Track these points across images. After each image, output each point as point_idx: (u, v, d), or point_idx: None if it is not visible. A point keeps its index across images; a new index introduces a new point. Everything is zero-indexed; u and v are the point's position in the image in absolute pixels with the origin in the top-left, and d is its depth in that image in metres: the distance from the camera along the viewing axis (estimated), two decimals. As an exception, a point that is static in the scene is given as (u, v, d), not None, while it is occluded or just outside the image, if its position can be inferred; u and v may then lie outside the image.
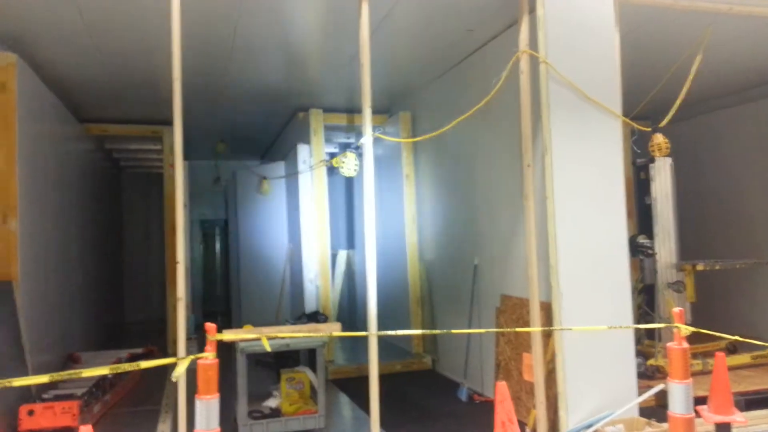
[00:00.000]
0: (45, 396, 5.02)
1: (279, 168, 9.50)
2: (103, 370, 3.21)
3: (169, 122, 8.57)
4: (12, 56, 5.15)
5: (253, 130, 10.15)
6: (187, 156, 4.07)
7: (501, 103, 4.96)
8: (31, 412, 4.62)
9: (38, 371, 5.38)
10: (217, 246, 14.38)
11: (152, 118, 8.65)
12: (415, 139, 7.65)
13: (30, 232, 5.51)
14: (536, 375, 4.53)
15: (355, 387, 6.61)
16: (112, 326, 10.93)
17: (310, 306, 7.91)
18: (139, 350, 7.35)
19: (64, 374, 3.33)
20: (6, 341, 4.79)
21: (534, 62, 4.58)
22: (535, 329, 4.40)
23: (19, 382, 3.82)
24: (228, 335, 3.97)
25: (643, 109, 6.12)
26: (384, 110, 8.63)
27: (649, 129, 5.35)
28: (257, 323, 5.62)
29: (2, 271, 5.02)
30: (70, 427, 4.65)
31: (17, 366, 4.93)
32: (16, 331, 5.02)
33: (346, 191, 10.66)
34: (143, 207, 13.13)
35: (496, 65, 5.01)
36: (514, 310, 5.39)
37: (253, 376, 4.89)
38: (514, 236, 5.39)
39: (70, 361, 6.80)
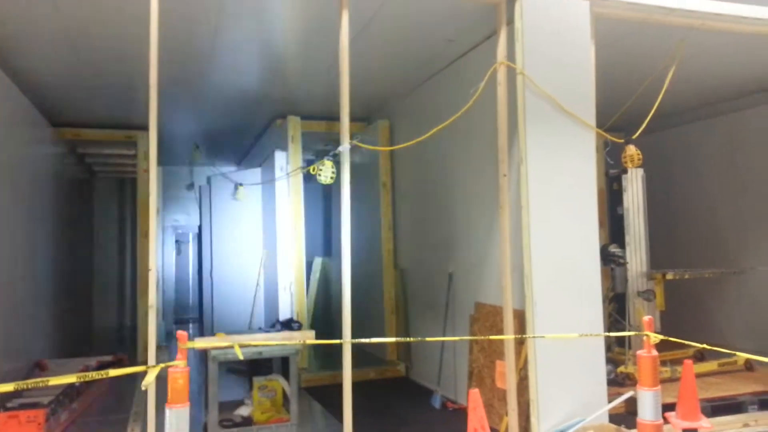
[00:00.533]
0: (9, 405, 4.89)
1: (255, 174, 9.44)
2: (70, 378, 3.15)
3: (143, 127, 8.51)
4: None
5: (231, 137, 10.07)
6: (161, 161, 4.04)
7: (478, 114, 5.01)
8: (-5, 421, 4.50)
9: (3, 379, 5.24)
10: (190, 252, 14.21)
11: (126, 123, 8.54)
12: (393, 148, 7.68)
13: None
14: (509, 382, 4.56)
15: (328, 395, 6.57)
16: (81, 333, 10.71)
17: (284, 313, 7.85)
18: (108, 358, 7.21)
19: (30, 382, 3.25)
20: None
21: (511, 73, 4.64)
22: (508, 337, 4.43)
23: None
24: (200, 343, 3.93)
25: (617, 120, 6.24)
26: (362, 118, 8.65)
27: (622, 140, 5.45)
28: (230, 331, 5.56)
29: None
30: (36, 437, 4.54)
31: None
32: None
33: (322, 199, 10.64)
34: (116, 213, 12.94)
35: (475, 75, 5.06)
36: (488, 317, 5.42)
37: (225, 385, 4.83)
38: (489, 245, 5.44)
39: (37, 368, 6.64)
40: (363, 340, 4.13)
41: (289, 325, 7.07)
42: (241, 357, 3.80)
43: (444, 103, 6.31)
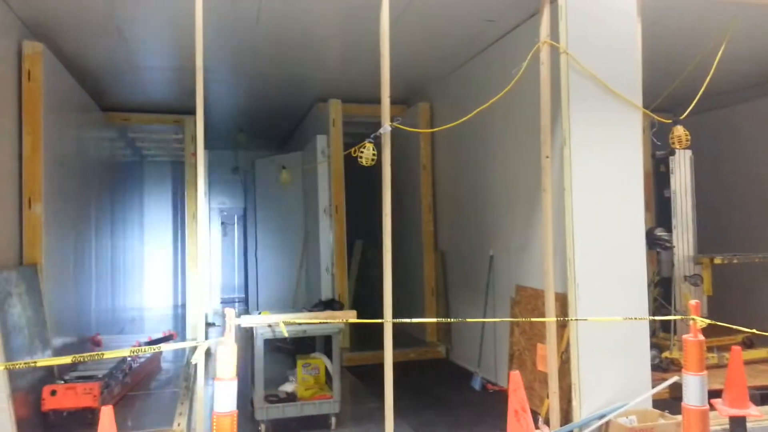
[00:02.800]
0: (67, 377, 5.14)
1: (297, 158, 9.56)
2: (124, 352, 3.30)
3: (190, 111, 8.65)
4: (38, 45, 5.24)
5: (273, 121, 10.21)
6: (206, 145, 4.13)
7: (520, 95, 4.96)
8: (53, 393, 4.73)
9: (60, 353, 5.51)
10: (235, 234, 14.53)
11: (174, 107, 8.74)
12: (434, 130, 7.66)
13: (53, 217, 5.62)
14: (550, 365, 4.55)
15: (369, 374, 6.68)
16: (132, 311, 11.12)
17: (325, 294, 7.99)
18: (158, 334, 7.48)
19: (86, 356, 3.42)
20: (31, 323, 4.91)
21: (554, 53, 4.57)
22: (551, 319, 4.41)
23: (43, 362, 3.95)
24: (247, 320, 4.05)
25: (663, 101, 6.07)
26: (403, 101, 8.65)
27: (670, 121, 5.31)
28: (274, 310, 5.70)
29: (27, 255, 5.14)
30: (91, 408, 4.76)
31: (41, 348, 5.05)
32: (41, 314, 5.14)
33: (362, 181, 10.70)
34: (165, 195, 13.30)
35: (516, 56, 5.00)
36: (529, 300, 5.40)
37: (270, 362, 4.96)
38: (530, 227, 5.40)
39: (91, 343, 6.95)
40: (404, 320, 4.18)
41: (331, 305, 7.19)
42: (286, 334, 3.90)
43: (484, 84, 6.25)
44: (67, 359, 3.29)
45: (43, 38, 5.45)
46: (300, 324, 4.60)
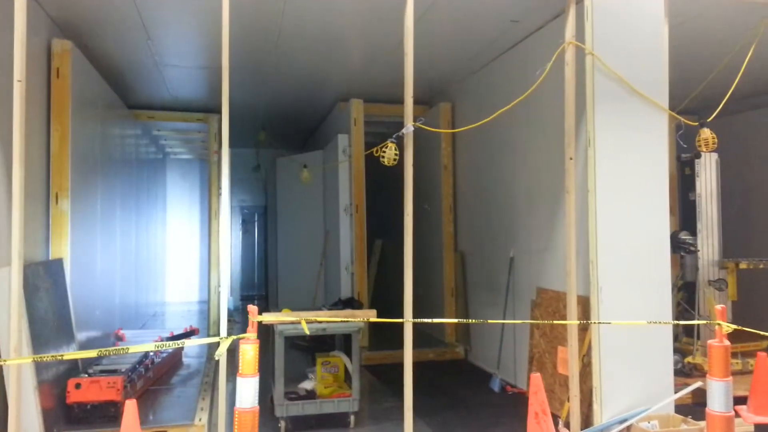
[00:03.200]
0: (91, 371, 5.22)
1: (318, 157, 9.61)
2: (148, 347, 3.35)
3: (213, 110, 8.78)
4: (67, 43, 5.33)
5: (294, 120, 10.28)
6: (229, 143, 4.17)
7: (543, 96, 4.93)
8: (78, 386, 4.80)
9: (85, 347, 5.61)
10: (256, 232, 14.65)
11: (198, 106, 8.84)
12: (456, 130, 7.65)
13: (79, 213, 5.72)
14: (571, 368, 4.52)
15: (387, 373, 6.70)
16: (155, 306, 11.27)
17: (345, 293, 8.02)
18: (181, 330, 7.56)
19: (111, 349, 3.47)
20: (57, 316, 5.00)
21: (579, 54, 4.54)
22: (573, 322, 4.38)
23: (69, 355, 4.02)
24: (269, 317, 4.08)
25: (689, 103, 5.99)
26: (425, 101, 8.65)
27: (697, 123, 5.24)
28: (293, 308, 5.74)
29: (54, 250, 5.23)
30: (115, 401, 4.83)
31: (66, 341, 5.14)
32: (66, 308, 5.24)
33: (382, 181, 10.72)
34: (187, 193, 13.45)
35: (540, 57, 4.98)
36: (550, 303, 5.37)
37: (289, 359, 4.99)
38: (552, 229, 5.37)
39: (115, 338, 7.05)
40: (425, 320, 4.18)
41: (350, 304, 7.23)
42: (308, 332, 3.93)
43: (507, 85, 6.23)
44: (92, 353, 3.35)
45: (71, 36, 5.55)
46: (320, 322, 4.62)
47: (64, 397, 4.76)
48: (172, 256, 13.20)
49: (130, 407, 2.91)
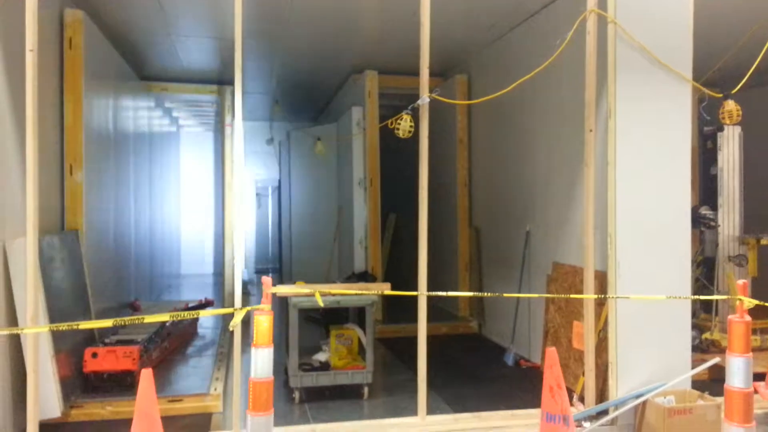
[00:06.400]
0: (107, 340, 5.28)
1: (332, 129, 9.53)
2: (164, 317, 3.35)
3: (227, 82, 8.70)
4: (79, 12, 5.27)
5: (308, 92, 10.18)
6: (242, 116, 4.12)
7: (563, 67, 4.81)
8: (94, 355, 4.87)
9: (100, 317, 5.66)
10: (269, 206, 14.67)
11: (212, 77, 8.77)
12: (472, 102, 7.53)
13: (94, 184, 5.73)
14: (587, 343, 4.48)
15: (400, 346, 6.71)
16: (169, 278, 11.36)
17: (358, 266, 8.01)
18: (195, 302, 7.62)
19: (127, 319, 3.48)
20: (73, 287, 5.04)
21: (601, 23, 4.40)
22: (590, 296, 4.33)
23: (85, 325, 4.05)
24: (283, 289, 4.07)
25: (712, 75, 5.82)
26: (439, 73, 8.50)
27: (721, 95, 5.09)
28: (307, 281, 5.73)
29: (69, 221, 5.25)
30: (131, 371, 4.88)
31: (82, 311, 5.19)
32: (82, 278, 5.27)
33: (396, 154, 10.63)
34: (201, 164, 13.46)
35: (560, 27, 4.84)
36: (566, 278, 5.31)
37: (303, 331, 5.01)
38: (569, 203, 5.29)
39: (130, 308, 7.11)
40: (439, 293, 4.15)
41: (364, 277, 7.22)
42: (322, 304, 3.92)
43: (525, 56, 6.09)
44: (108, 322, 3.36)
45: (83, 6, 5.48)
46: (334, 295, 4.61)
47: (81, 367, 4.83)
48: (187, 229, 13.27)
49: (146, 376, 2.92)
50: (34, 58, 3.54)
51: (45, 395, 4.14)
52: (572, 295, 4.92)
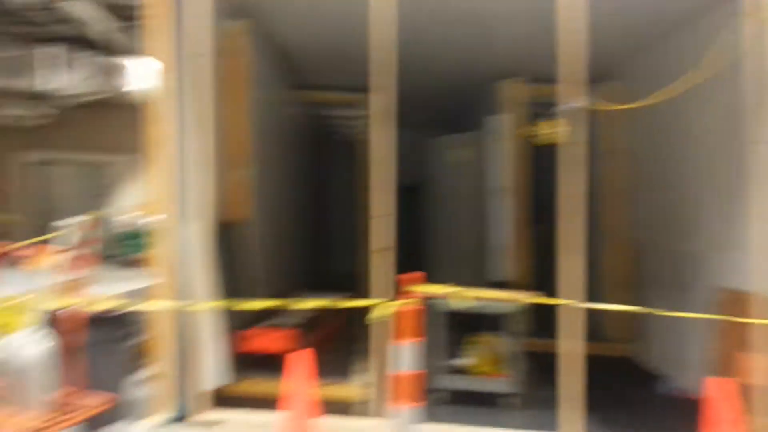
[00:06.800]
0: (267, 323, 5.64)
1: (474, 138, 9.55)
2: (323, 303, 3.54)
3: (367, 90, 8.94)
4: (246, 24, 5.73)
5: (447, 101, 10.24)
6: (390, 124, 4.28)
7: (721, 74, 4.42)
8: (254, 336, 5.24)
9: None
10: (411, 209, 14.88)
11: (362, 86, 9.09)
12: (624, 107, 7.10)
13: (258, 180, 6.20)
14: (761, 377, 4.05)
15: (544, 361, 6.48)
16: (318, 274, 11.97)
17: (501, 276, 7.92)
18: (341, 297, 7.92)
19: (287, 302, 3.73)
20: (243, 273, 5.47)
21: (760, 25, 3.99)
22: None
23: (250, 305, 4.37)
24: (434, 288, 4.12)
25: None
26: (586, 81, 8.14)
27: None
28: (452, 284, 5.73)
29: (240, 212, 5.71)
30: (286, 352, 5.19)
31: (249, 294, 5.61)
32: (249, 265, 5.71)
33: (539, 163, 10.38)
34: (350, 169, 14.01)
35: (717, 33, 4.47)
36: (735, 305, 4.84)
37: (445, 334, 5.02)
38: (737, 222, 4.82)
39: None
40: (597, 305, 3.96)
41: (506, 286, 7.08)
42: (469, 308, 3.91)
43: (681, 63, 5.65)
44: (269, 304, 3.62)
45: (250, 18, 5.88)
46: (481, 300, 4.58)
47: (240, 346, 5.22)
48: (334, 229, 13.94)
49: (301, 359, 3.10)
50: (207, 64, 3.84)
51: (214, 366, 4.54)
52: (751, 320, 4.46)
